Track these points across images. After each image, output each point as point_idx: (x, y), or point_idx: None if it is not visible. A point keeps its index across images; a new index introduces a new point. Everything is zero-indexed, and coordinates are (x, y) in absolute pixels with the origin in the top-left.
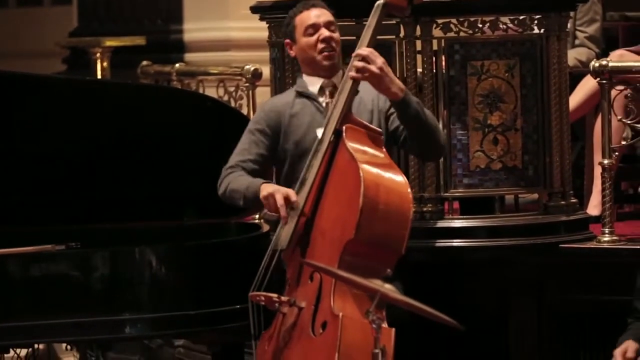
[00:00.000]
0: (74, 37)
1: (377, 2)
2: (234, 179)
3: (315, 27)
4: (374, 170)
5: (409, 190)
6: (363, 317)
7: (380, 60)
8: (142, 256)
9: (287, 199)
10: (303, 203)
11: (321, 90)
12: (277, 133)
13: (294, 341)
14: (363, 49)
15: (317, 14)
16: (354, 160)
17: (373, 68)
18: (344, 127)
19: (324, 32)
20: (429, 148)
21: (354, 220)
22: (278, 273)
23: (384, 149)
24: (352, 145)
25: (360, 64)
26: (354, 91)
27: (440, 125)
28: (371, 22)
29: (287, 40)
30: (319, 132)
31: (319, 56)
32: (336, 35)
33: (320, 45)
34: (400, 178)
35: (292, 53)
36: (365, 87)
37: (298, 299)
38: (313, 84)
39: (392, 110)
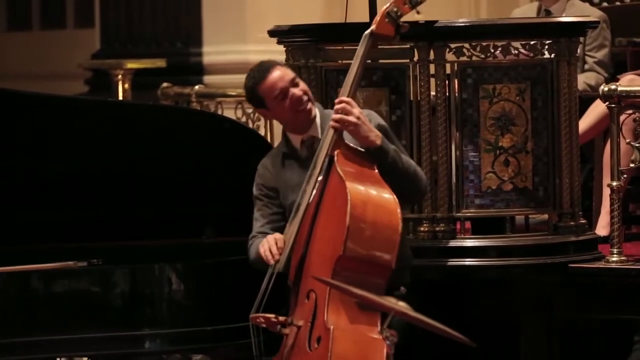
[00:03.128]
0: (97, 60)
1: (365, 32)
2: (252, 248)
3: (283, 92)
4: (362, 188)
5: (398, 207)
6: (357, 329)
7: (357, 111)
8: (161, 273)
9: (274, 245)
10: (297, 229)
11: (302, 144)
12: (277, 191)
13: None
14: (343, 98)
15: (280, 76)
16: (342, 180)
17: (351, 118)
18: (335, 152)
19: (295, 92)
20: (407, 194)
21: (342, 238)
22: (288, 295)
23: (376, 170)
24: (342, 167)
25: (338, 116)
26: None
27: (452, 148)
28: (359, 51)
29: (259, 109)
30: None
31: (297, 115)
32: (302, 85)
33: (296, 106)
34: (388, 196)
35: (268, 117)
36: None
37: (296, 318)
38: (295, 140)
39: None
